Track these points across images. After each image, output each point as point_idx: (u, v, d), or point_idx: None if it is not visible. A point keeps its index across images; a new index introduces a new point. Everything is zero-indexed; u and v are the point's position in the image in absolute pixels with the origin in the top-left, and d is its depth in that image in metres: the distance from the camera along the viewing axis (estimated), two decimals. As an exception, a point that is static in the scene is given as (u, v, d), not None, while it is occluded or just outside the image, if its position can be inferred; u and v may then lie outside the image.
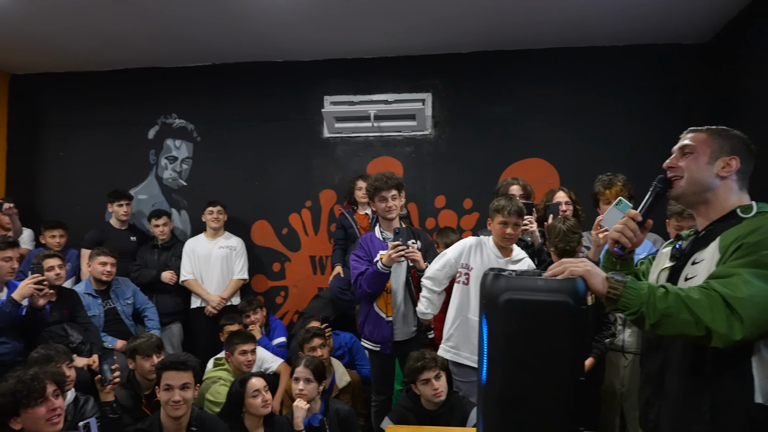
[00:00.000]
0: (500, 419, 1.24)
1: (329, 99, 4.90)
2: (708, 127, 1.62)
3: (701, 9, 3.96)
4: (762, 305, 1.29)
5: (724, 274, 1.36)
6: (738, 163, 1.55)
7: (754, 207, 1.52)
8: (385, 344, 3.27)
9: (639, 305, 1.33)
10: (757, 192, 3.34)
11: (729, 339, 1.29)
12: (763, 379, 1.39)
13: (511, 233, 2.89)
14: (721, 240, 1.46)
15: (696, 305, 1.31)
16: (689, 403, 1.47)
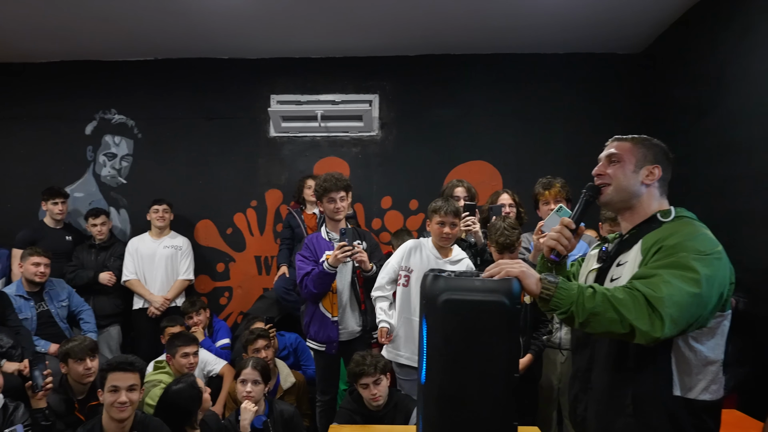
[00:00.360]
0: (439, 416, 1.27)
1: (276, 98, 4.86)
2: (632, 136, 1.69)
3: (635, 21, 4.16)
4: (680, 304, 1.36)
5: (646, 275, 1.42)
6: (660, 171, 1.63)
7: (673, 212, 1.61)
8: (331, 344, 3.28)
9: (569, 305, 1.39)
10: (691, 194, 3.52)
11: (651, 336, 1.36)
12: (681, 374, 1.47)
13: (448, 233, 2.96)
14: (643, 243, 1.54)
15: (621, 304, 1.37)
16: (613, 397, 1.54)
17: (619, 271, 1.59)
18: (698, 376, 1.48)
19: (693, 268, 1.39)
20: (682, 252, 1.42)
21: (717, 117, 3.62)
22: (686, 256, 1.41)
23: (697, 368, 1.48)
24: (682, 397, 1.47)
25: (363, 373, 2.77)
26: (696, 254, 1.41)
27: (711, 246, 1.46)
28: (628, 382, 1.51)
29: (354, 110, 4.69)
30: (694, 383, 1.48)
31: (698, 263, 1.40)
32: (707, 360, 1.48)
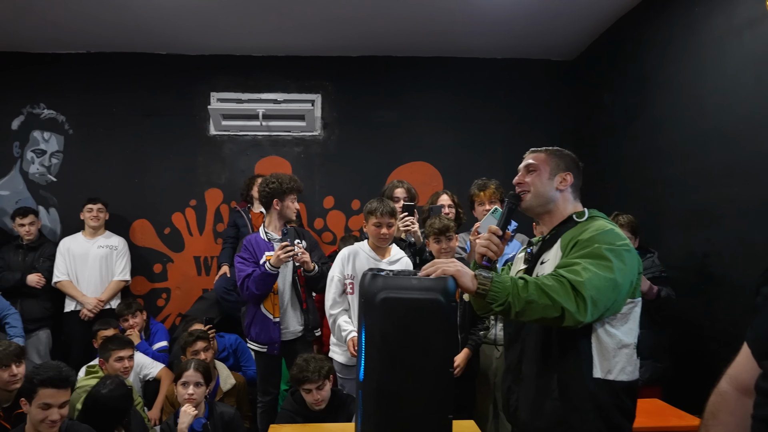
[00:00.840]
0: (377, 412, 1.31)
1: (216, 96, 4.78)
2: (546, 148, 1.87)
3: (568, 30, 4.34)
4: (598, 287, 1.49)
5: (568, 264, 1.56)
6: (572, 178, 1.80)
7: (586, 212, 1.78)
8: (273, 345, 3.27)
9: (505, 296, 1.47)
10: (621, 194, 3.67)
11: (577, 318, 1.48)
12: (600, 357, 1.61)
13: (385, 233, 3.01)
14: (562, 240, 1.69)
15: (551, 290, 1.48)
16: (541, 383, 1.66)
17: (542, 268, 1.73)
18: (615, 358, 1.61)
19: (606, 257, 1.54)
20: (595, 244, 1.57)
21: (643, 123, 3.83)
22: (599, 247, 1.56)
23: (613, 351, 1.62)
24: (602, 378, 1.61)
25: (306, 380, 2.78)
26: (607, 245, 1.57)
27: (620, 239, 1.62)
28: (554, 368, 1.64)
29: (296, 110, 4.68)
30: (612, 365, 1.61)
31: (610, 253, 1.55)
32: (622, 343, 1.62)
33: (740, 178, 2.85)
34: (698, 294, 3.17)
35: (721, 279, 3.02)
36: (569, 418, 1.60)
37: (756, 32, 2.76)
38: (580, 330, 1.59)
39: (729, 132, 2.95)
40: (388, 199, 3.47)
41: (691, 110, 3.28)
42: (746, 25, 2.83)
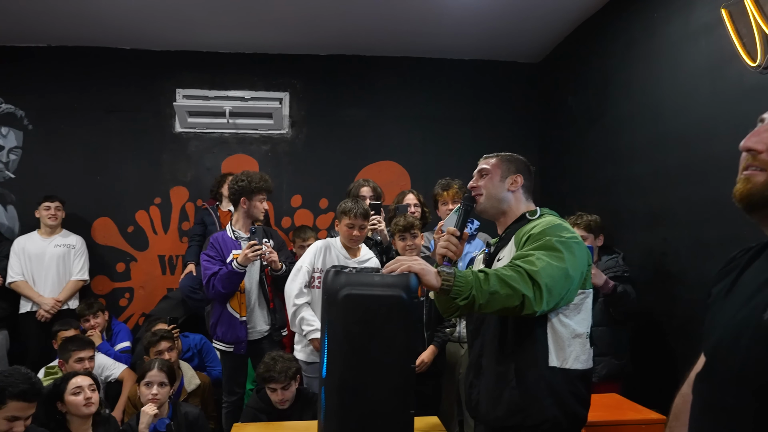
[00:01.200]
0: (340, 407, 1.32)
1: (182, 92, 4.72)
2: (497, 153, 1.97)
3: (533, 33, 4.42)
4: (552, 275, 1.56)
5: (522, 256, 1.63)
6: (522, 179, 1.90)
7: (538, 211, 1.88)
8: (239, 344, 3.25)
9: (469, 290, 1.50)
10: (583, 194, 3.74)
11: (534, 306, 1.54)
12: (555, 346, 1.69)
13: (357, 235, 3.02)
14: (516, 237, 1.78)
15: (511, 279, 1.53)
16: (499, 373, 1.72)
17: (497, 265, 1.79)
18: (570, 347, 1.69)
19: (557, 249, 1.62)
20: (546, 237, 1.66)
21: (604, 125, 3.93)
22: (550, 240, 1.64)
23: (568, 341, 1.69)
24: (558, 367, 1.68)
25: (272, 379, 2.77)
26: (558, 238, 1.65)
27: (568, 232, 1.71)
28: (511, 357, 1.71)
29: (264, 107, 4.65)
30: (567, 354, 1.69)
31: (560, 245, 1.63)
32: (576, 333, 1.70)
33: (695, 179, 2.95)
34: (657, 292, 3.27)
35: (678, 277, 3.12)
36: (527, 405, 1.66)
37: (711, 38, 2.86)
38: (536, 320, 1.66)
39: (685, 134, 3.05)
40: (354, 197, 3.48)
41: (650, 113, 3.38)
42: (702, 31, 2.93)
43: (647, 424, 2.37)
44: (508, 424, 1.69)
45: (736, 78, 2.68)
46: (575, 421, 1.71)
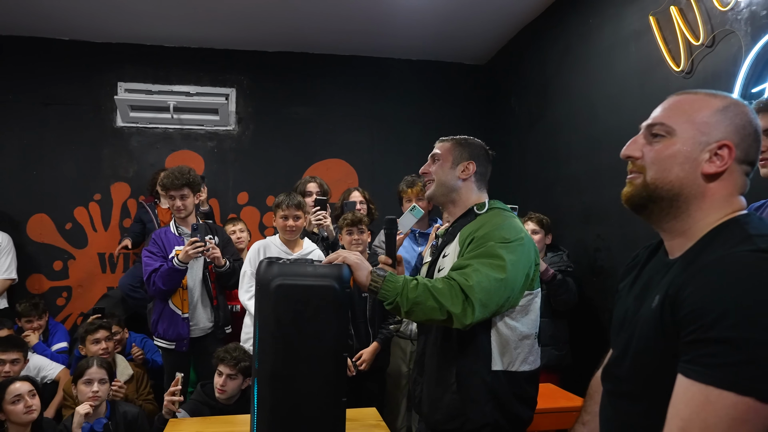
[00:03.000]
0: (272, 396, 1.34)
1: (124, 86, 4.60)
2: (453, 137, 1.88)
3: (479, 35, 4.52)
4: (487, 289, 1.51)
5: (461, 266, 1.58)
6: (475, 166, 1.80)
7: (487, 204, 1.79)
8: (181, 342, 3.21)
9: (395, 296, 1.51)
10: (525, 193, 3.86)
11: (463, 321, 1.51)
12: (501, 350, 1.65)
13: (292, 225, 3.04)
14: (460, 235, 1.71)
15: (439, 293, 1.50)
16: (441, 376, 1.69)
17: (444, 262, 1.76)
18: (517, 350, 1.65)
19: (499, 256, 1.56)
20: (489, 241, 1.59)
21: (544, 126, 4.07)
22: (493, 245, 1.58)
23: (515, 343, 1.65)
24: (503, 370, 1.64)
25: (223, 360, 2.75)
26: (501, 242, 1.59)
27: (515, 234, 1.64)
28: (453, 362, 1.67)
29: (209, 103, 4.59)
30: (514, 357, 1.65)
31: (504, 250, 1.57)
32: (523, 335, 1.66)
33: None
34: (591, 285, 3.41)
35: (609, 271, 3.27)
36: (466, 410, 1.63)
37: (640, 43, 3.01)
38: (480, 325, 1.60)
39: (617, 135, 3.19)
40: (300, 194, 3.49)
41: (585, 115, 3.52)
42: (632, 36, 3.08)
43: (578, 411, 2.48)
44: (448, 427, 1.67)
45: (662, 82, 2.83)
46: (518, 423, 1.68)
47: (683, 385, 0.87)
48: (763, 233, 0.93)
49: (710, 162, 1.01)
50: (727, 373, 0.82)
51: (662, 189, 1.04)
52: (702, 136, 1.02)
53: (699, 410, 0.84)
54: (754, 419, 0.81)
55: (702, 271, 0.91)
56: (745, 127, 1.03)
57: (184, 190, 3.20)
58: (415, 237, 3.46)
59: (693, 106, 1.05)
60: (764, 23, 2.29)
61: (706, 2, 2.58)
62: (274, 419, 1.37)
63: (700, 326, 0.86)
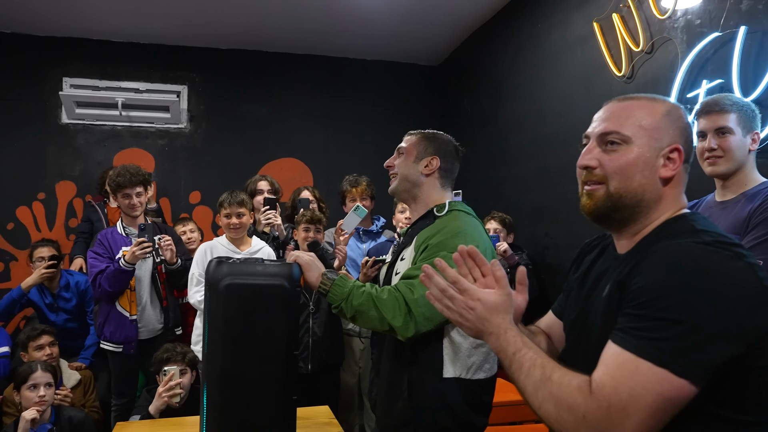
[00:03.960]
0: (221, 396, 1.33)
1: (69, 81, 4.46)
2: (422, 131, 1.83)
3: (433, 37, 4.59)
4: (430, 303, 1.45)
5: (410, 276, 1.55)
6: (439, 162, 1.74)
7: (447, 206, 1.70)
8: (129, 344, 3.13)
9: (340, 301, 1.51)
10: (478, 193, 3.92)
11: (405, 335, 1.50)
12: (453, 358, 1.60)
13: (236, 223, 3.01)
14: (416, 240, 1.65)
15: (382, 304, 1.49)
16: (393, 383, 1.65)
17: (401, 265, 1.71)
18: (471, 358, 1.60)
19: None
20: (442, 251, 1.52)
21: (495, 127, 4.16)
22: (446, 255, 1.46)
23: (468, 351, 1.60)
24: (456, 378, 1.59)
25: (170, 359, 2.71)
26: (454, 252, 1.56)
27: (469, 242, 1.54)
28: (405, 369, 1.63)
29: (160, 100, 4.50)
30: (468, 365, 1.60)
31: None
32: (476, 342, 1.60)
33: (572, 179, 3.17)
34: (540, 282, 3.51)
35: (558, 269, 3.37)
36: (417, 417, 1.60)
37: (585, 48, 3.12)
38: (432, 333, 1.57)
39: (563, 137, 3.30)
40: (251, 192, 3.46)
41: (534, 116, 3.63)
42: (578, 41, 3.19)
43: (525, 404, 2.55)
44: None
45: (605, 86, 2.94)
46: (471, 430, 1.63)
47: (614, 349, 0.92)
48: (708, 229, 0.99)
49: (665, 166, 1.05)
50: (652, 347, 0.87)
51: (626, 197, 1.05)
52: (656, 142, 1.05)
53: (629, 377, 0.88)
54: (675, 397, 0.86)
55: (649, 257, 0.96)
56: (686, 128, 1.08)
57: (139, 188, 3.14)
58: (359, 235, 3.47)
59: (641, 113, 1.07)
60: (699, 32, 2.42)
61: (645, 10, 2.70)
62: (223, 420, 1.36)
63: (638, 303, 0.91)
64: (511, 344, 1.03)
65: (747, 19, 2.19)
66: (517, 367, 1.00)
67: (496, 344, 1.05)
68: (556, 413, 0.94)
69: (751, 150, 1.79)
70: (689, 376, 0.86)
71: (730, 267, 0.90)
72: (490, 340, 1.06)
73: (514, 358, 1.01)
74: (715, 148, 1.79)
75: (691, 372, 0.86)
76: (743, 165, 1.80)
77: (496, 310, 1.06)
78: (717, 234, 0.98)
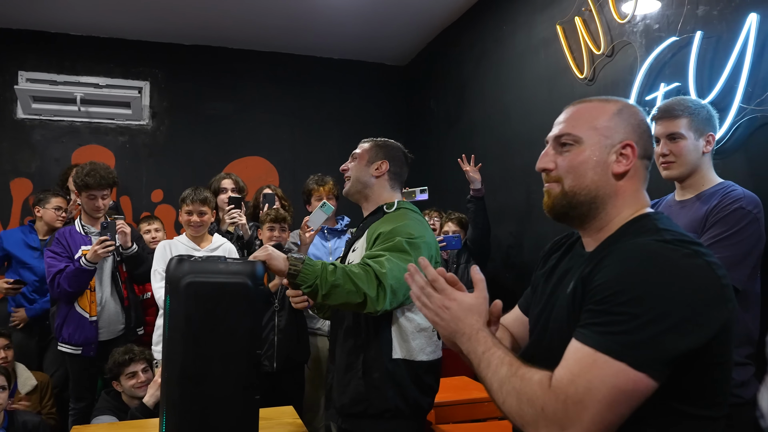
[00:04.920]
0: (180, 396, 1.31)
1: (25, 75, 4.32)
2: (374, 138, 2.00)
3: (399, 37, 4.60)
4: (398, 278, 1.60)
5: (374, 255, 1.68)
6: (388, 165, 1.92)
7: (396, 204, 1.89)
8: (89, 346, 3.05)
9: (314, 279, 1.54)
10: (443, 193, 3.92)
11: (376, 306, 1.59)
12: (400, 340, 1.77)
13: (197, 221, 2.98)
14: (368, 232, 1.82)
15: (357, 277, 1.58)
16: (349, 363, 1.79)
17: (352, 256, 1.88)
18: (415, 341, 1.77)
19: (405, 250, 1.67)
20: (396, 237, 1.70)
21: (461, 127, 4.20)
22: (400, 241, 1.69)
23: (413, 335, 1.77)
24: (402, 359, 1.76)
25: (132, 360, 2.65)
26: (408, 238, 1.70)
27: (419, 232, 1.76)
28: (360, 350, 1.78)
29: (121, 96, 4.40)
30: (412, 347, 1.77)
31: (408, 246, 1.68)
32: (420, 327, 1.78)
33: (535, 179, 3.23)
34: (505, 281, 3.56)
35: (521, 267, 3.42)
36: (370, 395, 1.74)
37: (549, 51, 3.17)
38: (383, 316, 1.72)
39: (527, 137, 3.35)
40: (215, 191, 3.42)
41: (499, 118, 3.67)
42: (542, 44, 3.24)
43: (490, 402, 2.58)
44: (353, 411, 1.77)
45: (568, 88, 3.00)
46: (417, 409, 1.79)
47: (575, 345, 0.95)
48: (669, 228, 1.02)
49: (618, 162, 1.09)
50: (610, 341, 0.90)
51: (580, 194, 1.10)
52: (606, 140, 1.10)
53: (586, 370, 0.91)
54: (632, 390, 0.89)
55: (611, 254, 0.99)
56: (640, 125, 1.12)
57: (106, 190, 3.08)
58: (324, 233, 3.47)
59: (592, 114, 1.13)
60: (657, 36, 2.48)
61: (606, 14, 2.76)
62: (183, 421, 1.33)
63: (599, 298, 0.94)
64: (482, 344, 1.04)
65: (703, 25, 2.26)
66: (486, 365, 1.02)
67: (467, 345, 1.07)
68: (518, 407, 0.95)
69: (705, 152, 1.84)
70: (646, 369, 0.88)
71: (688, 264, 0.93)
72: (462, 341, 1.08)
73: (483, 357, 1.03)
74: (667, 154, 1.84)
75: (648, 365, 0.88)
76: (698, 167, 1.84)
77: (471, 311, 1.08)
78: (678, 233, 1.01)
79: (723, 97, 2.12)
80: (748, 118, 2.05)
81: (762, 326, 1.73)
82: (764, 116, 2.00)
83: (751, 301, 1.72)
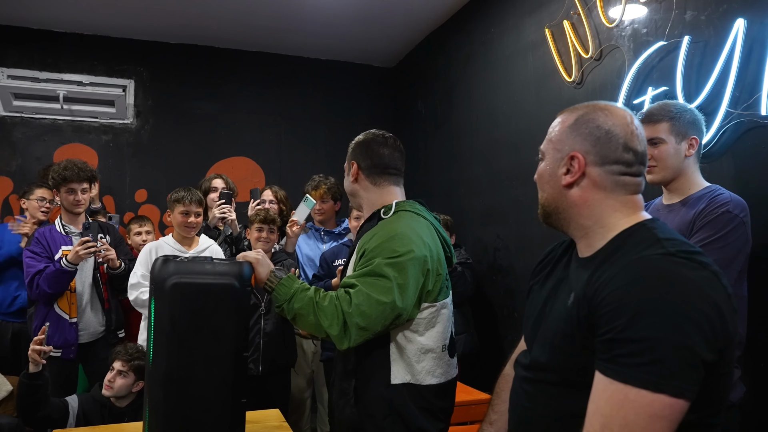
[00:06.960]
0: (165, 399, 1.28)
1: (6, 72, 4.23)
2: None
3: (387, 38, 4.59)
4: (367, 314, 1.45)
5: (348, 284, 1.53)
6: (356, 164, 1.76)
7: (393, 207, 1.68)
8: (68, 348, 3.00)
9: (283, 301, 1.49)
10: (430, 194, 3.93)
11: (340, 346, 1.48)
12: (401, 363, 1.57)
13: (193, 221, 2.94)
14: (360, 243, 1.63)
15: (321, 312, 1.47)
16: (342, 388, 1.63)
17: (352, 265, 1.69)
18: (420, 363, 1.57)
19: (386, 276, 1.48)
20: (377, 258, 1.51)
21: (448, 129, 4.20)
22: (380, 263, 1.50)
23: (416, 357, 1.57)
24: (405, 383, 1.57)
25: (118, 355, 2.61)
26: (390, 257, 1.50)
27: (406, 245, 1.53)
28: (352, 373, 1.61)
29: (105, 94, 4.33)
30: (417, 370, 1.57)
31: (391, 269, 1.49)
32: (426, 348, 1.58)
33: (522, 181, 3.26)
34: (490, 283, 3.56)
35: (508, 270, 3.42)
36: (364, 425, 1.57)
37: (537, 54, 3.18)
38: (378, 339, 1.55)
39: (515, 140, 3.36)
40: (205, 191, 3.39)
41: (487, 120, 3.67)
42: (530, 47, 3.25)
43: (477, 404, 2.58)
44: None
45: (556, 91, 3.00)
46: None
47: (602, 383, 0.92)
48: (670, 237, 1.00)
49: (566, 174, 1.12)
50: (642, 372, 0.87)
51: (547, 206, 1.17)
52: (558, 153, 1.14)
53: (619, 407, 0.88)
54: (670, 415, 0.87)
55: (618, 273, 0.96)
56: (592, 132, 1.10)
57: (85, 184, 3.03)
58: (321, 235, 3.45)
59: (554, 128, 1.17)
60: (644, 40, 2.50)
61: (594, 18, 2.77)
62: (168, 424, 1.31)
63: (615, 326, 0.91)
64: None
65: (690, 29, 2.27)
66: None
67: None
68: None
69: (687, 156, 1.81)
70: (680, 395, 0.87)
71: (699, 277, 0.92)
72: None
73: None
74: (649, 159, 1.84)
75: (683, 390, 0.87)
76: (682, 171, 1.82)
77: None
78: (679, 241, 0.99)
79: (710, 101, 2.14)
80: (735, 122, 2.06)
81: (748, 329, 1.74)
82: (751, 120, 2.01)
83: (738, 305, 1.73)
